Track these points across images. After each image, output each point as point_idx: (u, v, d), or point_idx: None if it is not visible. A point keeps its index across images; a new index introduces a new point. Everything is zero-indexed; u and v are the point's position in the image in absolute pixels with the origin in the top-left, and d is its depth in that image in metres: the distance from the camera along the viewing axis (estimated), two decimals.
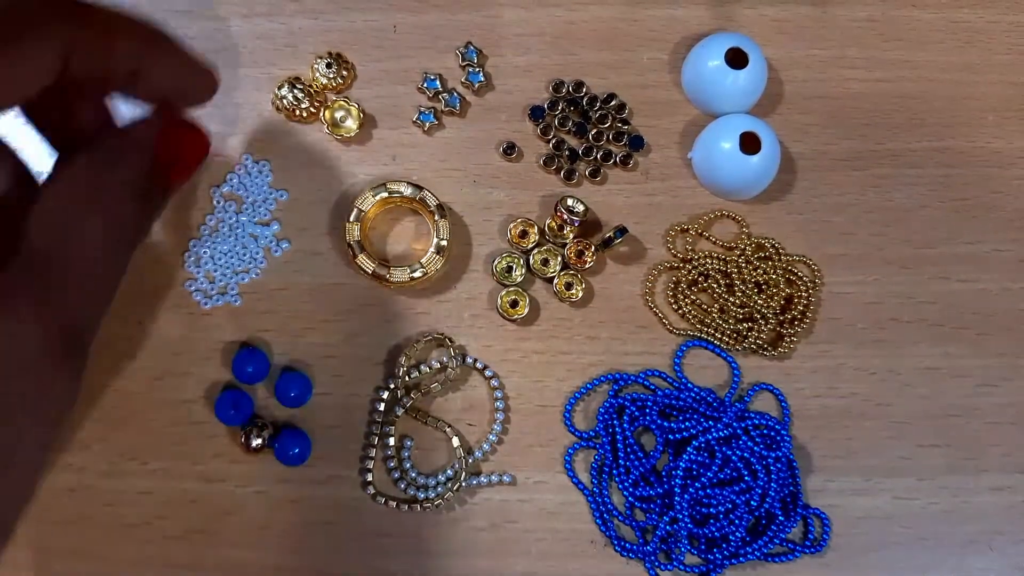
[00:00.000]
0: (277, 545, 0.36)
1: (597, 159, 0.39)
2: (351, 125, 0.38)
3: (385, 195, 0.36)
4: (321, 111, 0.38)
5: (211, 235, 0.37)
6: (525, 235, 0.37)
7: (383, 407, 0.36)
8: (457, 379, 0.37)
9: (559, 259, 0.37)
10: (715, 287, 0.38)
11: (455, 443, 0.36)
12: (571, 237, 0.37)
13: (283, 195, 0.38)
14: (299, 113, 0.38)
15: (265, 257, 0.37)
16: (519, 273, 0.37)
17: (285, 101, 0.38)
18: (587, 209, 0.37)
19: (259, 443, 0.35)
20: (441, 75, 0.39)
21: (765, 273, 0.38)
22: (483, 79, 0.39)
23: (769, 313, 0.37)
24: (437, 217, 0.36)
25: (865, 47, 0.40)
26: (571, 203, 0.37)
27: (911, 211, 0.39)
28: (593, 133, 0.38)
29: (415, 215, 0.38)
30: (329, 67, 0.38)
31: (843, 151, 0.39)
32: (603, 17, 0.40)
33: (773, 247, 0.38)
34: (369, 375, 0.37)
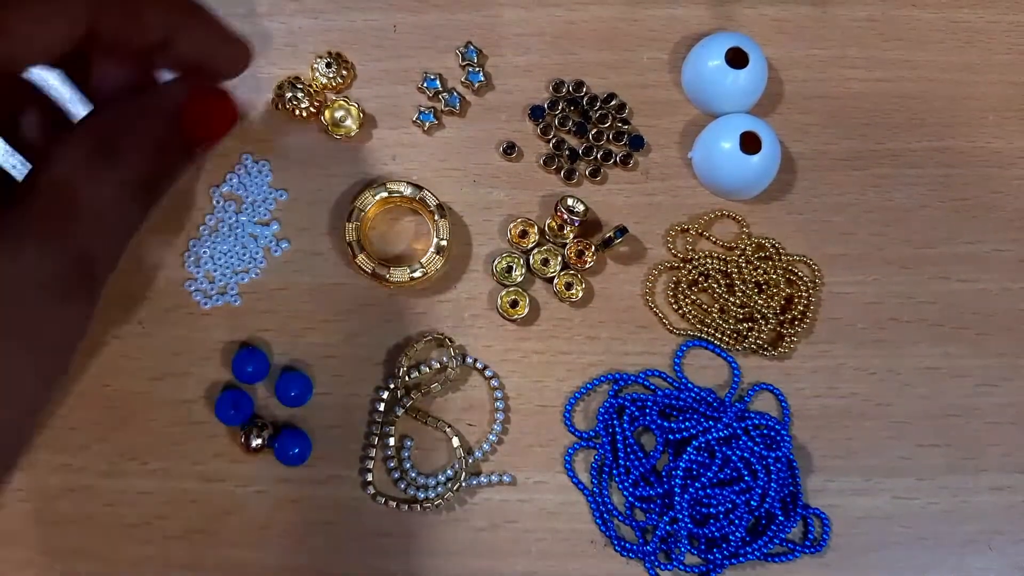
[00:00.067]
0: (277, 545, 0.36)
1: (597, 159, 0.38)
2: (351, 125, 0.38)
3: (385, 195, 0.36)
4: (321, 111, 0.38)
5: (211, 235, 0.37)
6: (525, 235, 0.37)
7: (383, 407, 0.36)
8: (457, 379, 0.37)
9: (559, 259, 0.37)
10: (715, 287, 0.37)
11: (455, 443, 0.36)
12: (571, 237, 0.37)
13: (283, 195, 0.38)
14: (299, 113, 0.38)
15: (265, 257, 0.37)
16: (519, 273, 0.37)
17: (285, 101, 0.38)
18: (587, 209, 0.37)
19: (259, 443, 0.35)
20: (441, 75, 0.39)
21: (765, 273, 0.38)
22: (483, 79, 0.39)
23: (769, 313, 0.37)
24: (437, 217, 0.36)
25: (865, 47, 0.40)
26: (571, 203, 0.37)
27: (911, 211, 0.39)
28: (593, 133, 0.38)
29: (415, 215, 0.38)
30: (329, 67, 0.38)
31: (843, 151, 0.39)
32: (603, 17, 0.40)
33: (773, 247, 0.38)
34: (369, 375, 0.37)
